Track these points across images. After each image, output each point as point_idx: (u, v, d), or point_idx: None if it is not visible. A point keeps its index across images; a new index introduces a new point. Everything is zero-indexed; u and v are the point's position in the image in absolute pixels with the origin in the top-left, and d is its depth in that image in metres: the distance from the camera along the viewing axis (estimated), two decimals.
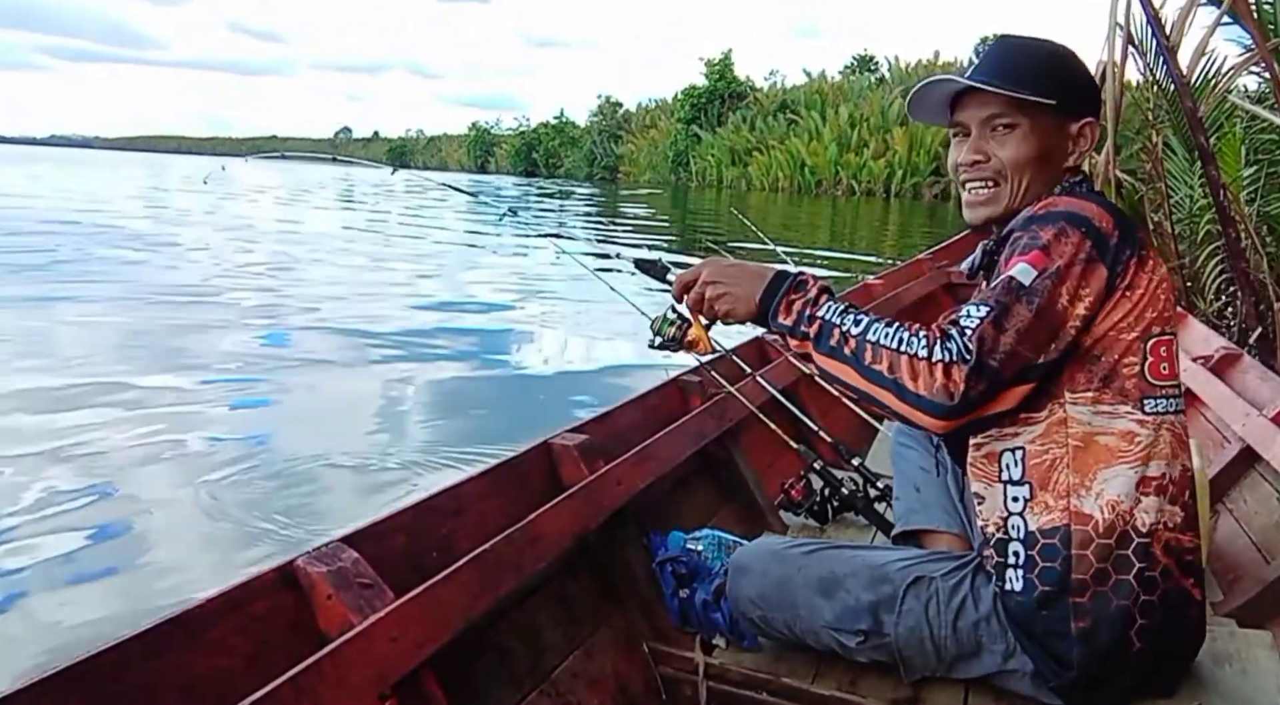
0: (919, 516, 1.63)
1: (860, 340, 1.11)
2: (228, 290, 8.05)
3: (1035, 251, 1.12)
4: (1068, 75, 1.27)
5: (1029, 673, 1.28)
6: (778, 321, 1.20)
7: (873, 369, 1.09)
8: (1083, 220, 1.14)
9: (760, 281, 1.22)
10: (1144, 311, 1.17)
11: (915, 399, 1.06)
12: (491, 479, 1.65)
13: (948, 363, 1.05)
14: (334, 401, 4.78)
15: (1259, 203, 4.44)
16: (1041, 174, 1.26)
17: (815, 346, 1.16)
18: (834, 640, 1.38)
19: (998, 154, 1.27)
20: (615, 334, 6.48)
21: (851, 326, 1.13)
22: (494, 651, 1.44)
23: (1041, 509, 1.21)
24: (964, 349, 1.05)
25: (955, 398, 1.05)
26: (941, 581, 1.33)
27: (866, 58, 55.47)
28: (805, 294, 1.19)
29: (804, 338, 1.17)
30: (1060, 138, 1.27)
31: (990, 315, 1.07)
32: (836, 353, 1.13)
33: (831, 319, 1.15)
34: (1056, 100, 1.23)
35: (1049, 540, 1.20)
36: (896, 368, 1.07)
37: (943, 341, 1.06)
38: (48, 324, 6.26)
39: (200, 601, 1.11)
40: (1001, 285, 1.10)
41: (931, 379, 1.05)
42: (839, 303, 1.17)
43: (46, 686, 0.93)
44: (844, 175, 43.80)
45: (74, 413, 4.14)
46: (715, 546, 1.84)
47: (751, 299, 1.22)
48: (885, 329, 1.10)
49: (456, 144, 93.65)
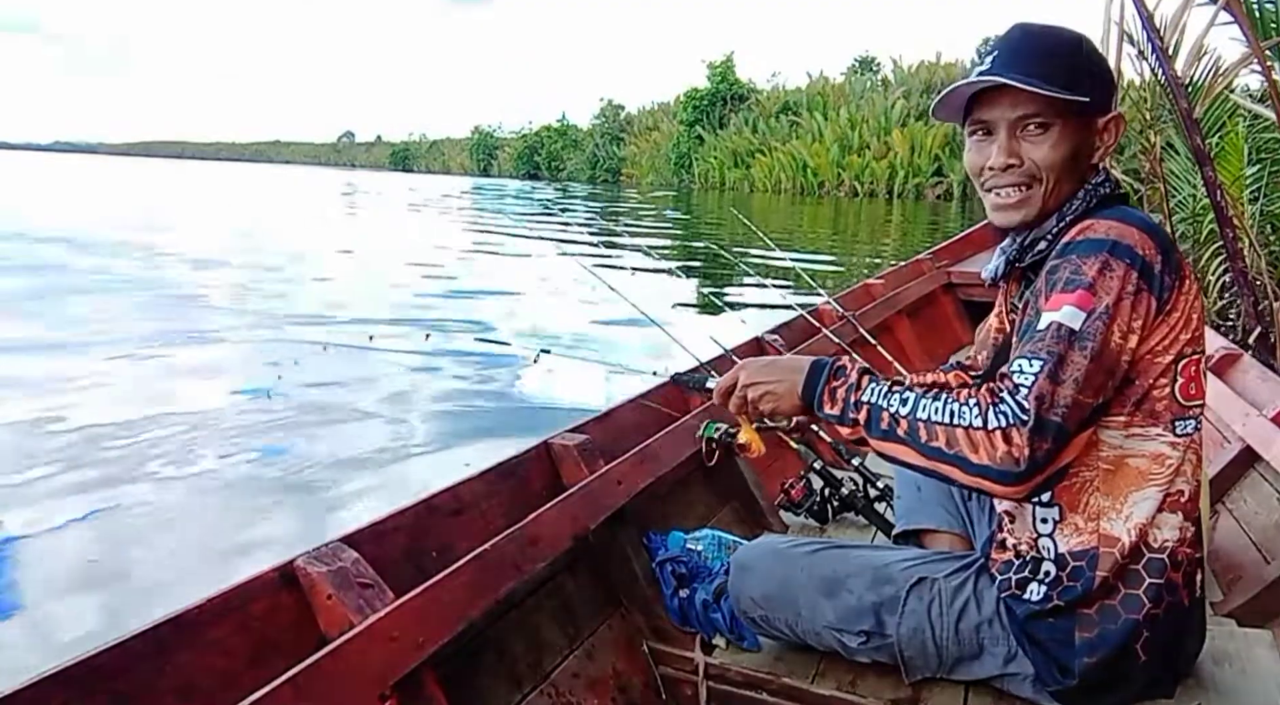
0: (920, 516, 1.62)
1: (911, 420, 1.07)
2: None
3: (1080, 291, 1.06)
4: (1093, 68, 1.19)
5: (1030, 676, 1.28)
6: (824, 412, 1.17)
7: (931, 447, 1.06)
8: (1127, 250, 1.08)
9: (798, 375, 1.20)
10: (1179, 334, 1.13)
11: (982, 470, 1.02)
12: (491, 479, 1.65)
13: (1005, 428, 1.01)
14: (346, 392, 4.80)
15: (1261, 202, 4.44)
16: (1073, 175, 1.21)
17: (868, 432, 1.12)
18: (836, 640, 1.38)
19: (1031, 156, 1.19)
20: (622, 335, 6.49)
21: (899, 407, 1.09)
22: (494, 651, 1.44)
23: (1071, 531, 1.19)
24: (1018, 410, 1.01)
25: (1022, 463, 1.00)
26: (944, 582, 1.32)
27: (868, 59, 55.43)
28: (846, 379, 1.16)
29: (854, 425, 1.13)
30: (1089, 135, 1.20)
31: (1045, 369, 1.02)
32: (891, 435, 1.10)
33: (878, 402, 1.11)
34: (1089, 97, 1.16)
35: (1078, 563, 1.19)
36: (954, 442, 1.04)
37: (994, 406, 1.02)
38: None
39: (200, 601, 1.12)
40: (1051, 333, 1.04)
41: (993, 448, 1.01)
42: (881, 382, 1.14)
43: (46, 686, 0.94)
44: (846, 177, 43.76)
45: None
46: (715, 546, 1.84)
47: (793, 394, 1.20)
48: (934, 403, 1.07)
49: (459, 147, 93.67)
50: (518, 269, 11.34)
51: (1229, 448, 2.21)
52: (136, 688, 1.02)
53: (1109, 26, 3.85)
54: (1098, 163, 1.23)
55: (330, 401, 4.66)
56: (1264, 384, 2.44)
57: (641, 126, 62.74)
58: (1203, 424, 1.20)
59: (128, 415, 4.19)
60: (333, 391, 4.88)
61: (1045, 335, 1.05)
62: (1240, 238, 3.80)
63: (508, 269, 11.33)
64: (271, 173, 59.59)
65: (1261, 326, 3.91)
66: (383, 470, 3.66)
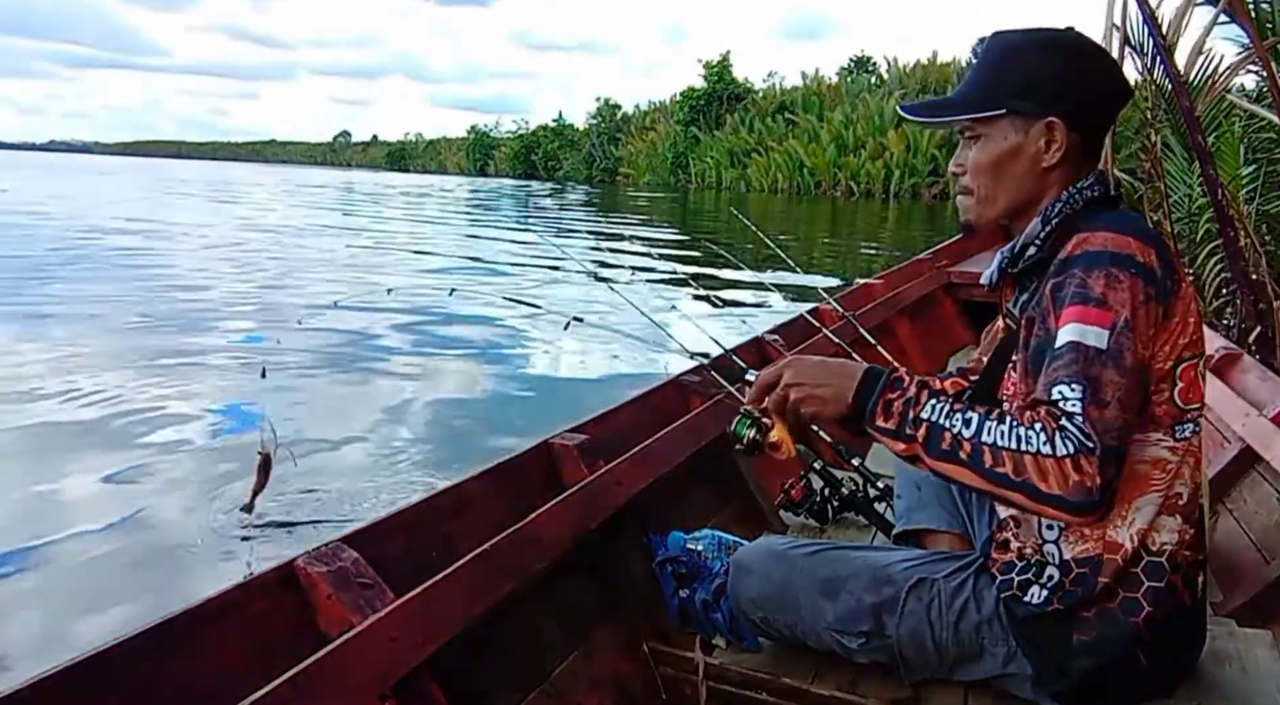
0: (920, 515, 1.62)
1: (975, 443, 1.03)
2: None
3: (1094, 308, 1.05)
4: (1031, 74, 1.20)
5: (1029, 677, 1.28)
6: (876, 424, 1.11)
7: (997, 473, 1.01)
8: (1128, 260, 1.07)
9: (849, 381, 1.14)
10: (1178, 339, 1.12)
11: (1051, 498, 0.98)
12: (491, 479, 1.65)
13: (1074, 455, 0.97)
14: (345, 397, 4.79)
15: (1258, 201, 4.45)
16: (1007, 180, 1.23)
17: (926, 452, 1.07)
18: (835, 641, 1.38)
19: (967, 164, 1.26)
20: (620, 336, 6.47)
21: (963, 428, 1.04)
22: (494, 652, 1.44)
23: (1076, 538, 1.19)
24: (1084, 436, 0.98)
25: (1095, 491, 0.97)
26: (944, 583, 1.32)
27: (864, 59, 55.53)
28: (904, 392, 1.10)
29: (910, 441, 1.08)
30: (1025, 141, 1.21)
31: (1088, 393, 1.01)
32: (951, 457, 1.05)
33: (939, 421, 1.06)
34: (1006, 107, 1.20)
35: (1082, 570, 1.19)
36: (1023, 469, 0.99)
37: (1061, 432, 0.99)
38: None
39: (200, 601, 1.12)
40: (1078, 355, 1.03)
41: (1063, 476, 0.97)
42: (941, 399, 1.08)
43: (47, 686, 0.93)
44: (843, 177, 43.84)
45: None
46: (715, 546, 1.84)
47: (841, 400, 1.14)
48: (1000, 427, 1.02)
49: (455, 147, 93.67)
50: (515, 268, 11.34)
51: (1229, 448, 2.21)
52: (136, 688, 1.01)
53: (1110, 26, 3.86)
54: (1051, 165, 1.21)
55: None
56: (1264, 384, 2.44)
57: (638, 126, 62.79)
58: (1202, 425, 1.20)
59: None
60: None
61: (1075, 358, 1.03)
62: (1239, 236, 3.81)
63: (507, 269, 11.33)
64: (257, 173, 59.55)
65: (1261, 326, 3.91)
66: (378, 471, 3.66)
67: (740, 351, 2.60)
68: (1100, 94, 1.24)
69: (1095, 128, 1.25)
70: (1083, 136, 1.21)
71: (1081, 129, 1.21)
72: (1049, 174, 1.22)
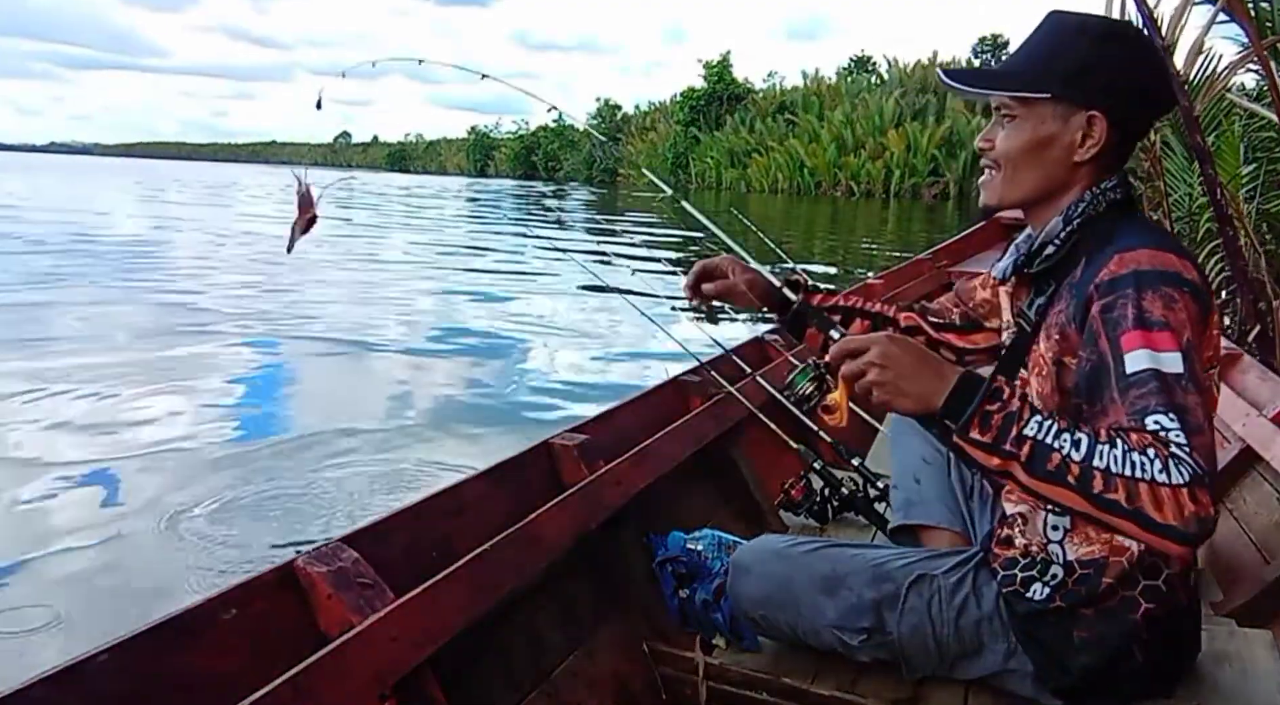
0: (919, 510, 1.61)
1: (1086, 467, 0.97)
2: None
3: (1159, 332, 1.02)
4: (1082, 61, 1.15)
5: (1029, 673, 1.28)
6: (970, 436, 1.04)
7: (1106, 498, 0.97)
8: (1176, 278, 1.05)
9: (940, 383, 1.06)
10: (1209, 350, 1.11)
11: (1164, 529, 0.95)
12: (491, 479, 1.65)
13: (1189, 484, 0.94)
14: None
15: (1258, 200, 4.45)
16: (1035, 167, 1.19)
17: (1028, 471, 1.01)
18: (837, 639, 1.37)
19: (997, 142, 1.21)
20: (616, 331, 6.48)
21: (1072, 450, 0.98)
22: (494, 651, 1.44)
23: (1082, 540, 1.19)
24: (1197, 465, 0.95)
25: (1208, 522, 0.95)
26: (943, 579, 1.32)
27: (864, 58, 55.55)
28: (1005, 406, 1.03)
29: (1009, 458, 1.01)
30: (1063, 130, 1.16)
31: (1184, 421, 0.98)
32: (1056, 479, 0.99)
33: (1046, 440, 1.00)
34: (1052, 92, 1.14)
35: (1085, 571, 1.19)
36: (1136, 497, 0.95)
37: (1174, 461, 0.95)
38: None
39: (200, 601, 1.11)
40: (1161, 384, 1.00)
41: (1179, 505, 0.94)
42: (1046, 416, 1.02)
43: (46, 686, 0.93)
44: (843, 177, 43.83)
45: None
46: (715, 546, 1.84)
47: (925, 401, 1.07)
48: (1112, 451, 0.97)
49: (456, 148, 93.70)
50: (514, 268, 11.35)
51: (1229, 448, 2.21)
52: (136, 688, 1.01)
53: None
54: (1082, 160, 1.17)
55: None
56: (1264, 384, 2.44)
57: (638, 126, 62.80)
58: None
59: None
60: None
61: (1159, 386, 1.00)
62: (1239, 236, 3.81)
63: (505, 268, 11.34)
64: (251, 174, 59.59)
65: (1261, 326, 3.91)
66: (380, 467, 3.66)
67: (740, 351, 2.60)
68: (1148, 98, 1.20)
69: (1134, 131, 1.23)
70: (1120, 137, 1.17)
71: (1121, 129, 1.17)
72: (1078, 169, 1.18)
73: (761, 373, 2.46)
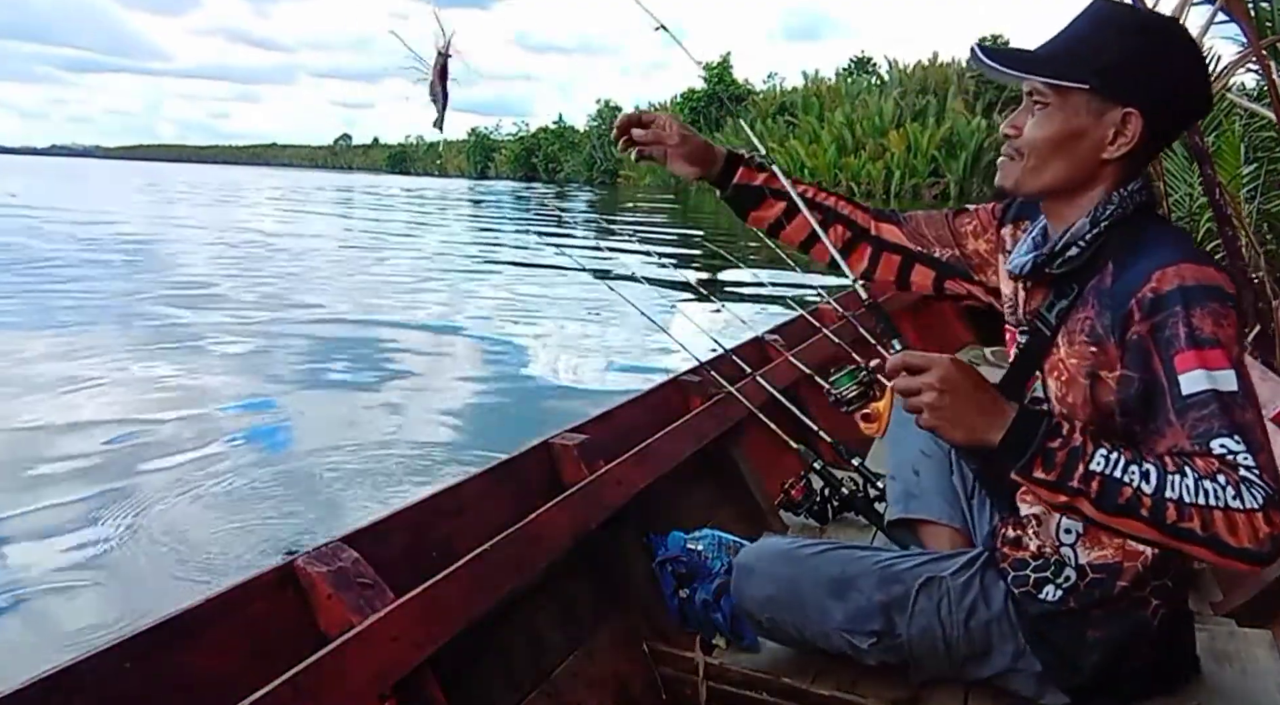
0: (918, 504, 1.59)
1: (1157, 499, 0.96)
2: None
3: (1212, 350, 1.00)
4: (1124, 55, 1.09)
5: (1036, 673, 1.28)
6: (1033, 475, 1.01)
7: (1180, 528, 0.95)
8: (1221, 293, 1.04)
9: (998, 419, 1.02)
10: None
11: (1239, 553, 0.94)
12: (491, 479, 1.65)
13: (1264, 508, 0.94)
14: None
15: (1258, 201, 4.45)
16: (1061, 159, 1.13)
17: (1097, 507, 0.99)
18: (845, 642, 1.36)
19: (1026, 130, 1.15)
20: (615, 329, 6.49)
21: (1142, 483, 0.97)
22: (494, 651, 1.44)
23: (1094, 543, 1.19)
24: (1268, 486, 0.95)
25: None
26: (951, 581, 1.32)
27: (864, 59, 55.57)
28: (1067, 442, 1.00)
29: (1076, 494, 0.99)
30: (1095, 125, 1.11)
31: (1248, 441, 0.97)
32: (1128, 513, 0.97)
33: (1114, 474, 0.98)
34: (1090, 83, 1.08)
35: (1098, 575, 1.20)
36: (1211, 524, 0.94)
37: (1246, 485, 0.95)
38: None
39: (200, 601, 1.12)
40: (1222, 405, 0.99)
41: (1254, 529, 0.93)
42: (1111, 449, 0.99)
43: (46, 686, 0.93)
44: (843, 177, 43.80)
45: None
46: (715, 546, 1.84)
47: (981, 434, 1.03)
48: (1183, 481, 0.96)
49: (456, 150, 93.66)
50: (514, 268, 11.35)
51: None
52: (136, 688, 1.01)
53: None
54: (1111, 158, 1.13)
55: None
56: (1264, 384, 2.44)
57: None
58: None
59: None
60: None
61: (1220, 407, 0.99)
62: (1239, 236, 3.80)
63: (505, 268, 11.34)
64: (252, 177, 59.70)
65: (1261, 326, 3.91)
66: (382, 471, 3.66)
67: (740, 351, 2.60)
68: (1187, 101, 1.15)
69: (1167, 134, 1.20)
70: (1152, 139, 1.12)
71: (1155, 130, 1.11)
72: (1104, 167, 1.14)
73: (761, 373, 2.46)
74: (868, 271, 1.48)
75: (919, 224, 1.48)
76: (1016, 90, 1.18)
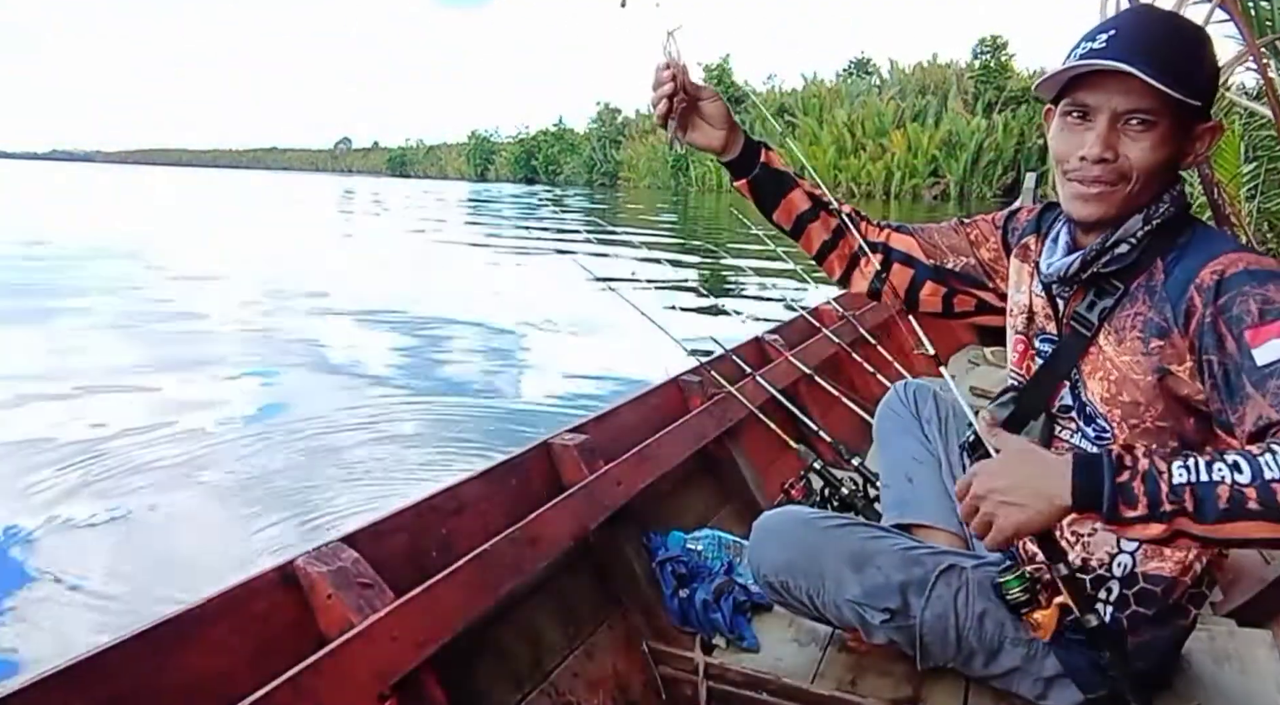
0: (913, 509, 1.60)
1: (1261, 484, 0.88)
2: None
3: None
4: (1211, 69, 1.08)
5: (1044, 677, 1.28)
6: (1123, 518, 0.93)
7: None
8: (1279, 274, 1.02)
9: (1058, 480, 0.96)
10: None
11: None
12: (491, 479, 1.65)
13: None
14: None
15: (1258, 200, 4.45)
16: (1162, 180, 1.11)
17: (1199, 519, 0.90)
18: (856, 615, 1.36)
19: (1128, 153, 1.08)
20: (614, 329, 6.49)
21: (1235, 474, 0.89)
22: (494, 651, 1.44)
23: (1155, 554, 1.19)
24: None
25: None
26: (972, 573, 1.32)
27: (863, 60, 55.62)
28: (1136, 469, 0.93)
29: (1173, 517, 0.91)
30: (1188, 141, 1.10)
31: None
32: (1235, 513, 0.89)
33: (1205, 479, 0.90)
34: (1202, 101, 1.06)
35: (1151, 587, 1.19)
36: None
37: None
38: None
39: (200, 601, 1.11)
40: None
41: None
42: (1182, 457, 0.93)
43: (46, 686, 0.93)
44: (844, 178, 43.82)
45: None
46: (715, 546, 1.84)
47: (1052, 499, 0.96)
48: (1276, 458, 0.89)
49: (456, 152, 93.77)
50: (514, 268, 11.36)
51: None
52: (136, 688, 1.01)
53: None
54: (1183, 169, 1.14)
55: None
56: None
57: (638, 130, 62.82)
58: None
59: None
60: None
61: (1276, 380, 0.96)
62: (1239, 235, 3.81)
63: (505, 268, 11.35)
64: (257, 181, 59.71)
65: None
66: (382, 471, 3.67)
67: (740, 351, 2.60)
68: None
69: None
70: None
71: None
72: (1174, 176, 1.13)
73: (761, 373, 2.46)
74: (875, 286, 1.47)
75: (931, 234, 1.47)
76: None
